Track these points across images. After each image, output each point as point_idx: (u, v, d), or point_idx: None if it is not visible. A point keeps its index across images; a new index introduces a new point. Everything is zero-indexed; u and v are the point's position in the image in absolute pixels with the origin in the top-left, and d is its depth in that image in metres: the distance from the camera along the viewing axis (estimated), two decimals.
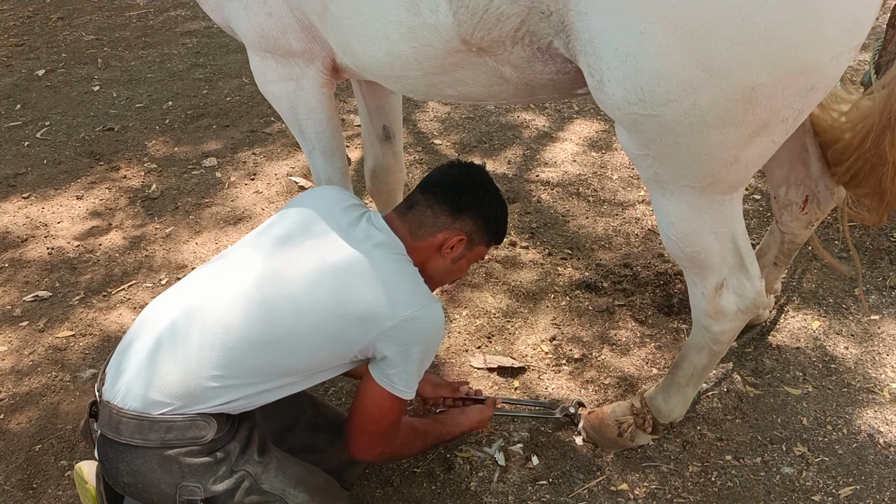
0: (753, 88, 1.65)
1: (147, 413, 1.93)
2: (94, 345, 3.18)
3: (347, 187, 2.73)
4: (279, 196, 4.11)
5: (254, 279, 2.01)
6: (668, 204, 2.01)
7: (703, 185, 1.91)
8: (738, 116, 1.71)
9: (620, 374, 2.94)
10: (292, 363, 2.00)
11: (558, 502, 2.48)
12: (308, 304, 1.98)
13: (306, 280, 2.00)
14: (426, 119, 4.83)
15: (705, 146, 1.79)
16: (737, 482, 2.52)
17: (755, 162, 1.89)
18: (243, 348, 1.94)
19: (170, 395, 1.93)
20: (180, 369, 1.94)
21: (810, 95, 1.73)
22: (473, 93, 2.16)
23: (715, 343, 2.32)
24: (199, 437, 1.95)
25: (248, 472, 2.00)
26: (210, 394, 1.94)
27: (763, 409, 2.76)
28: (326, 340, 2.00)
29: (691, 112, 1.71)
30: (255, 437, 2.09)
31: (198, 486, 1.95)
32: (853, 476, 2.53)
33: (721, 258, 2.11)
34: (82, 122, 4.95)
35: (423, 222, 2.17)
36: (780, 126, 1.78)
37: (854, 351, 2.98)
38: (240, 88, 5.31)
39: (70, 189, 4.24)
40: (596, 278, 3.41)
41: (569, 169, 4.24)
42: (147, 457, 1.94)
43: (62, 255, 3.72)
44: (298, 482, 2.05)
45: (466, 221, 2.19)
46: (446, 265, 2.24)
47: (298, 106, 2.49)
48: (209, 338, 1.95)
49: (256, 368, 1.97)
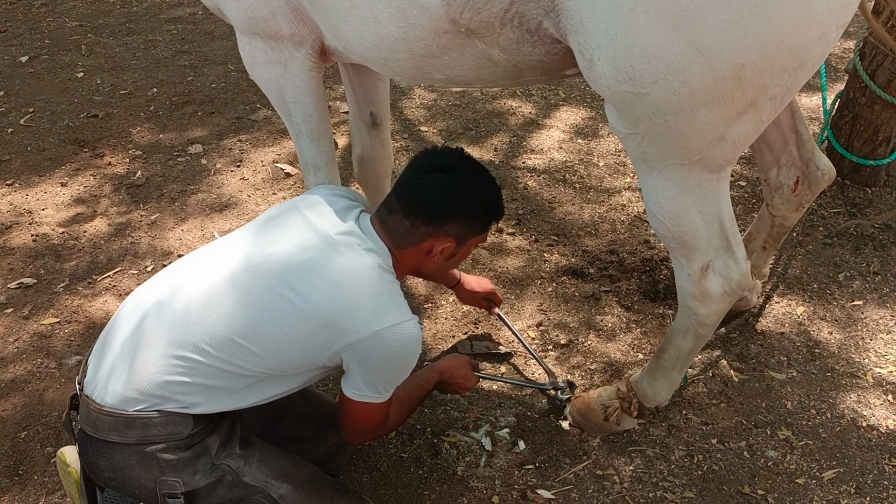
0: (742, 66, 1.66)
1: (123, 410, 1.92)
2: (80, 332, 3.16)
3: (334, 172, 2.72)
4: (265, 183, 4.09)
5: (223, 277, 1.98)
6: (656, 183, 2.02)
7: (691, 162, 1.92)
8: (726, 94, 1.72)
9: (606, 360, 2.95)
10: (256, 366, 1.95)
11: (545, 486, 2.49)
12: (271, 303, 1.93)
13: (273, 277, 1.96)
14: (412, 106, 4.82)
15: (694, 124, 1.80)
16: (721, 466, 2.54)
17: (743, 141, 1.90)
18: (208, 346, 1.92)
19: (142, 392, 1.92)
20: (150, 366, 1.92)
21: (798, 73, 1.74)
22: (461, 76, 2.16)
23: (700, 326, 2.33)
24: (177, 433, 1.94)
25: (230, 466, 2.00)
26: (179, 392, 1.92)
27: (748, 393, 2.78)
28: (289, 345, 1.95)
29: (681, 90, 1.72)
30: (237, 429, 2.08)
31: (177, 481, 1.95)
32: (836, 459, 2.55)
33: (707, 239, 2.12)
34: (66, 109, 4.91)
35: (402, 233, 2.07)
36: (767, 104, 1.79)
37: (838, 336, 3.00)
38: (225, 75, 5.29)
39: (54, 176, 4.21)
40: (582, 264, 3.42)
41: (555, 156, 4.24)
42: (125, 453, 1.94)
43: (47, 242, 3.70)
44: (281, 474, 2.05)
45: (449, 225, 2.07)
46: (441, 264, 2.18)
47: (286, 89, 2.48)
48: (175, 334, 1.93)
49: (222, 369, 1.94)
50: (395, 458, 2.61)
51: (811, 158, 2.56)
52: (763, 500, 2.43)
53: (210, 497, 1.98)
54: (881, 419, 2.67)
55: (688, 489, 2.47)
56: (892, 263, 3.32)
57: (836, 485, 2.47)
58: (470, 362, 2.56)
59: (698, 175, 1.96)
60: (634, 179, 4.00)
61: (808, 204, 2.68)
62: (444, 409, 2.77)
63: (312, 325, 1.93)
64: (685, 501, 2.44)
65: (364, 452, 2.62)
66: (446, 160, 2.12)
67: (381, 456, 2.61)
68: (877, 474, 2.50)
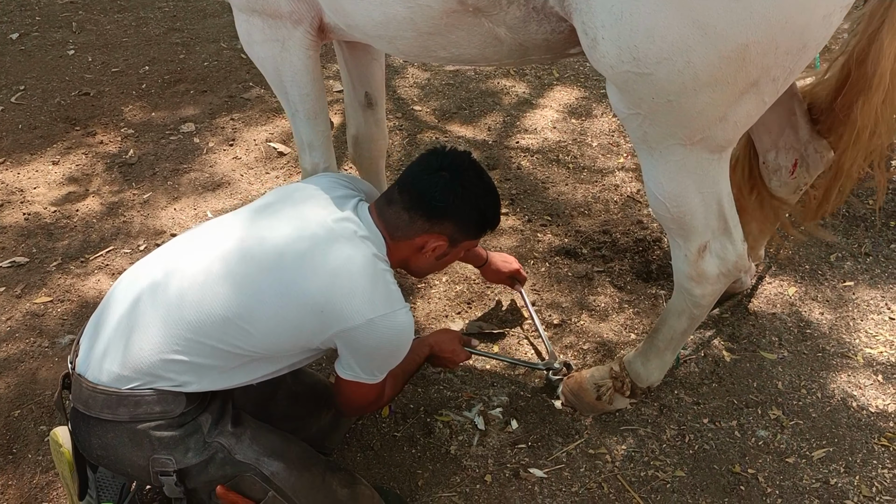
0: (747, 47, 1.67)
1: (116, 388, 1.93)
2: (72, 311, 3.16)
3: (329, 151, 2.72)
4: (258, 162, 4.08)
5: (219, 256, 1.99)
6: (657, 164, 2.02)
7: (692, 143, 1.93)
8: (730, 75, 1.73)
9: (599, 340, 2.96)
10: (251, 346, 1.97)
11: (537, 465, 2.51)
12: (267, 284, 1.95)
13: (269, 259, 1.97)
14: (406, 85, 4.81)
15: (696, 105, 1.81)
16: (713, 445, 2.56)
17: (744, 121, 1.90)
18: (204, 325, 1.93)
19: (136, 370, 1.93)
20: (144, 344, 1.93)
21: (801, 55, 1.75)
22: (466, 54, 2.15)
23: (695, 307, 2.34)
24: (169, 412, 1.95)
25: (222, 444, 2.00)
26: (173, 370, 1.93)
27: (739, 373, 2.80)
28: (284, 328, 1.97)
29: (684, 70, 1.73)
30: (229, 408, 2.09)
31: (170, 459, 1.96)
32: (826, 438, 2.57)
33: (706, 220, 2.12)
34: (57, 87, 4.88)
35: (399, 225, 2.11)
36: (770, 86, 1.80)
37: (829, 317, 3.02)
38: (217, 53, 5.26)
39: (46, 154, 4.19)
40: (575, 245, 3.43)
41: (548, 136, 4.24)
42: (117, 431, 1.94)
43: (39, 221, 3.68)
44: (272, 451, 2.05)
45: (445, 225, 2.12)
46: (430, 262, 2.22)
47: (283, 68, 2.46)
48: (170, 313, 1.94)
49: (217, 347, 1.95)
50: (388, 437, 2.62)
51: (810, 141, 2.57)
52: (753, 479, 2.45)
53: (202, 475, 1.99)
54: (871, 399, 2.69)
55: (679, 468, 2.49)
56: (883, 245, 3.34)
57: (825, 464, 2.49)
58: (461, 337, 2.59)
59: (699, 156, 1.97)
60: (628, 160, 4.00)
61: (806, 186, 2.69)
62: (437, 389, 2.78)
63: (308, 310, 1.95)
64: (676, 480, 2.46)
65: (357, 431, 2.63)
66: (454, 161, 2.16)
67: (374, 435, 2.62)
68: (866, 453, 2.52)
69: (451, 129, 4.33)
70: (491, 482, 2.47)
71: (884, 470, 2.47)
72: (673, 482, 2.46)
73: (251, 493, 2.03)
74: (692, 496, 2.42)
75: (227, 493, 2.01)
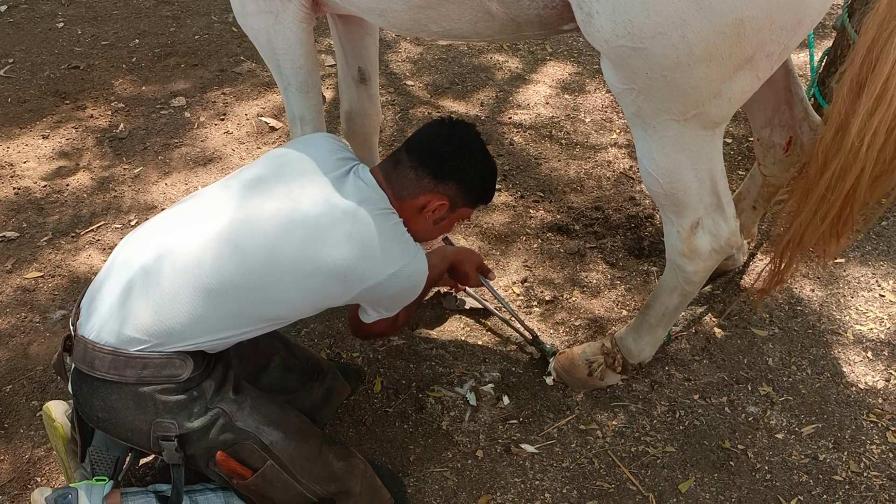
0: (742, 21, 1.66)
1: (123, 349, 1.92)
2: (63, 286, 3.15)
3: (321, 125, 2.71)
4: (249, 137, 4.06)
5: (227, 221, 1.98)
6: (651, 139, 2.02)
7: (686, 118, 1.92)
8: (724, 50, 1.72)
9: (591, 316, 2.97)
10: (270, 311, 2.01)
11: (528, 441, 2.52)
12: (284, 255, 1.95)
13: (282, 227, 1.97)
14: (399, 60, 4.78)
15: (691, 80, 1.80)
16: (703, 421, 2.58)
17: (738, 97, 1.90)
18: (221, 292, 1.92)
19: (146, 332, 1.92)
20: (154, 310, 1.92)
21: (796, 30, 1.74)
22: (458, 29, 2.14)
23: (687, 283, 2.35)
24: (176, 376, 1.95)
25: (224, 409, 2.01)
26: (187, 333, 1.93)
27: (730, 350, 2.82)
28: (306, 294, 2.01)
29: (679, 45, 1.72)
30: (231, 375, 2.10)
31: (172, 423, 1.96)
32: (815, 414, 2.59)
33: (699, 197, 2.12)
34: (47, 60, 4.83)
35: (405, 184, 2.14)
36: (764, 61, 1.79)
37: (819, 294, 3.03)
38: (208, 27, 5.21)
39: (35, 128, 4.15)
40: (567, 221, 3.43)
41: (541, 111, 4.22)
42: (122, 392, 1.94)
43: (29, 196, 3.66)
44: (272, 421, 2.06)
45: (449, 185, 2.16)
46: (428, 226, 2.23)
47: (277, 40, 2.44)
48: (185, 279, 1.92)
49: (234, 313, 1.96)
50: (380, 412, 2.63)
51: (804, 119, 2.56)
52: (743, 455, 2.47)
53: (202, 441, 2.00)
54: (860, 375, 2.71)
55: (669, 444, 2.51)
56: (874, 222, 3.34)
57: (814, 439, 2.51)
58: (482, 264, 2.80)
59: (693, 131, 1.96)
60: (621, 136, 3.99)
61: (800, 164, 2.69)
62: (430, 365, 2.78)
63: (330, 277, 1.99)
64: (667, 455, 2.48)
65: (349, 407, 2.64)
66: (462, 129, 2.23)
67: (366, 410, 2.63)
68: (855, 429, 2.54)
69: (444, 104, 4.31)
70: (482, 457, 2.49)
71: (872, 446, 2.49)
72: (663, 457, 2.47)
73: (250, 461, 2.04)
74: (682, 471, 2.43)
75: (227, 460, 2.02)
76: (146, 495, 2.10)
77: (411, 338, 2.89)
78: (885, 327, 2.88)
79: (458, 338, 2.89)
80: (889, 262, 3.17)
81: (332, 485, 2.15)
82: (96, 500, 2.03)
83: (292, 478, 2.08)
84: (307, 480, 2.10)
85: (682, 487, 2.39)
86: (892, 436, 2.52)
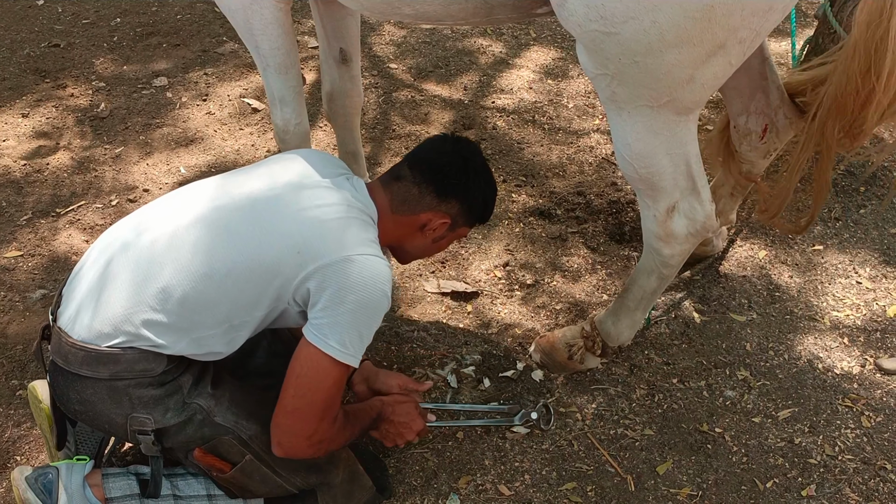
0: (712, 7, 1.67)
1: (96, 345, 1.90)
2: (43, 265, 3.13)
3: (301, 107, 2.70)
4: (231, 118, 4.04)
5: (193, 215, 1.97)
6: (625, 124, 2.03)
7: (660, 104, 1.93)
8: (696, 36, 1.73)
9: (572, 300, 2.99)
10: (228, 301, 1.92)
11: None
12: (248, 232, 1.93)
13: (255, 208, 1.96)
14: (382, 43, 4.76)
15: (663, 65, 1.81)
16: (681, 404, 2.60)
17: (711, 83, 1.91)
18: (184, 283, 1.90)
19: (116, 328, 1.90)
20: (123, 303, 1.90)
21: (768, 16, 1.75)
22: (431, 12, 2.13)
23: (664, 266, 2.36)
24: (149, 370, 1.93)
25: (201, 405, 1.99)
26: (150, 331, 1.90)
27: (709, 334, 2.84)
28: (261, 273, 1.91)
29: (651, 30, 1.73)
30: (210, 368, 2.08)
31: (148, 418, 1.95)
32: (792, 399, 2.62)
33: (674, 181, 2.14)
34: (26, 38, 4.78)
35: (406, 199, 2.11)
36: (736, 47, 1.80)
37: (798, 280, 3.06)
38: (190, 7, 5.17)
39: (15, 107, 4.12)
40: (549, 206, 3.44)
41: (524, 96, 4.22)
42: (96, 387, 1.93)
43: (8, 175, 3.63)
44: (251, 414, 2.04)
45: (452, 203, 2.13)
46: (426, 243, 2.22)
47: (254, 20, 2.43)
48: (151, 271, 1.91)
49: (193, 305, 1.91)
50: None
51: (780, 106, 2.58)
52: (720, 438, 2.49)
53: (179, 435, 1.99)
54: (836, 361, 2.74)
55: (648, 427, 2.53)
56: (853, 209, 3.37)
57: (790, 423, 2.54)
58: (419, 407, 2.38)
59: (666, 117, 1.97)
60: (603, 121, 4.00)
61: (777, 151, 2.70)
62: (411, 347, 2.79)
63: (284, 252, 1.90)
64: (645, 438, 2.50)
65: None
66: (467, 147, 2.20)
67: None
68: (830, 413, 2.57)
69: (427, 87, 4.30)
70: (463, 439, 2.50)
71: (847, 430, 2.52)
72: (642, 440, 2.50)
73: (229, 456, 2.03)
74: (660, 454, 2.46)
75: (204, 457, 2.02)
76: (127, 477, 2.09)
77: (393, 320, 2.89)
78: (862, 314, 2.91)
79: (439, 320, 2.90)
80: (866, 249, 3.20)
81: (313, 476, 2.15)
82: (77, 480, 2.04)
83: (271, 471, 2.08)
84: (287, 473, 2.10)
85: (660, 469, 2.41)
86: (866, 420, 2.55)
